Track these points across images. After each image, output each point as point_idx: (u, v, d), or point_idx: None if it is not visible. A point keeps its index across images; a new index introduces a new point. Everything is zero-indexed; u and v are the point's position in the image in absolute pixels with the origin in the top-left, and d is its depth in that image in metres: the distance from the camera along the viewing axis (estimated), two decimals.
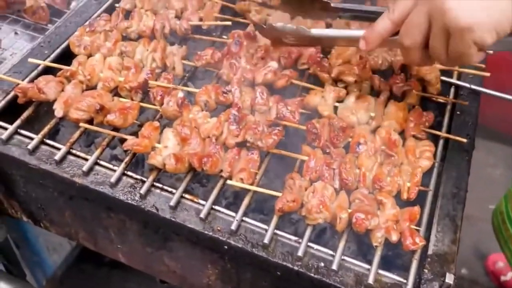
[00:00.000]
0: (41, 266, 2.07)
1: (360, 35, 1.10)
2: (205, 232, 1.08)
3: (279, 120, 1.24)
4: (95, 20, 1.49)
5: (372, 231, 1.06)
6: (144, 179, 1.15)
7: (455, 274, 1.03)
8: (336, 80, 1.35)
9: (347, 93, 1.31)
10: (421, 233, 1.08)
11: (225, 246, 1.07)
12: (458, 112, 1.36)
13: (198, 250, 1.17)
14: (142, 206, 1.11)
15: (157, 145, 1.17)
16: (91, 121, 1.23)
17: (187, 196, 1.14)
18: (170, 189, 1.14)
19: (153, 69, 1.36)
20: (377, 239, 1.05)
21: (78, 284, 2.29)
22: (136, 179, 1.16)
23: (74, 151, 1.20)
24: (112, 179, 1.13)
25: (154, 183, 1.15)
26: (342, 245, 1.06)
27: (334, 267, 1.03)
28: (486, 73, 1.43)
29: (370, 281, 1.02)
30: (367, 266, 1.05)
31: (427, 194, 1.15)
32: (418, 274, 1.04)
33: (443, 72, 1.40)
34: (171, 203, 1.10)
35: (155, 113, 1.29)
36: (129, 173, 1.17)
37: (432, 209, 1.14)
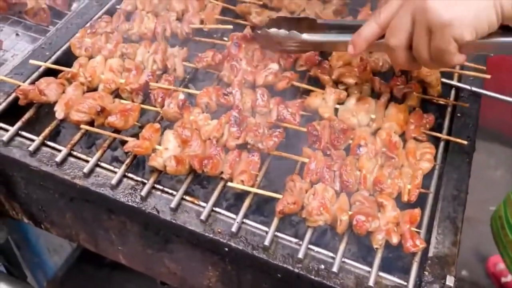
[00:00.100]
0: (42, 267, 2.07)
1: (349, 39, 1.12)
2: (206, 234, 1.08)
3: (279, 122, 1.24)
4: (96, 21, 1.49)
5: (372, 233, 1.06)
6: (145, 181, 1.15)
7: (456, 276, 1.04)
8: (337, 82, 1.35)
9: (348, 95, 1.31)
10: (422, 235, 1.08)
11: (226, 248, 1.08)
12: (459, 114, 1.36)
13: (198, 252, 1.17)
14: (143, 208, 1.11)
15: (158, 147, 1.17)
16: (92, 123, 1.23)
17: (187, 198, 1.14)
18: (171, 191, 1.14)
19: (154, 71, 1.36)
20: (378, 241, 1.05)
21: (78, 285, 2.30)
22: (136, 181, 1.16)
23: (75, 153, 1.20)
24: (113, 181, 1.14)
25: (155, 185, 1.15)
26: (342, 247, 1.06)
27: (334, 269, 1.03)
28: (487, 75, 1.43)
29: (371, 284, 1.01)
30: (367, 268, 1.05)
31: (427, 196, 1.15)
32: (418, 277, 1.04)
33: (444, 74, 1.40)
34: (172, 205, 1.10)
35: (156, 115, 1.29)
36: (129, 175, 1.17)
37: (432, 211, 1.14)
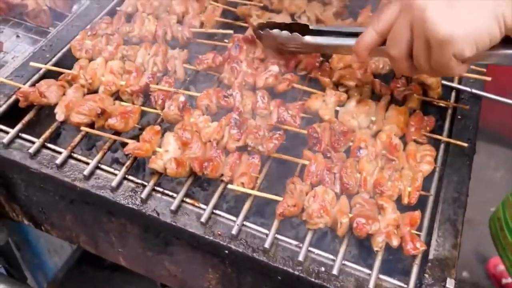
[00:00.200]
0: (42, 268, 2.07)
1: (351, 44, 1.11)
2: (206, 236, 1.08)
3: (280, 124, 1.24)
4: (96, 23, 1.49)
5: (372, 235, 1.06)
6: (145, 183, 1.15)
7: (456, 279, 1.04)
8: (337, 84, 1.36)
9: (348, 97, 1.31)
10: (422, 238, 1.08)
11: (226, 251, 1.08)
12: (459, 116, 1.35)
13: (199, 255, 1.17)
14: (143, 211, 1.11)
15: (158, 149, 1.17)
16: (92, 125, 1.23)
17: (188, 200, 1.14)
18: (171, 193, 1.14)
19: (155, 73, 1.36)
20: (378, 244, 1.05)
21: (79, 286, 2.29)
22: (137, 183, 1.16)
23: (75, 155, 1.20)
24: (113, 183, 1.14)
25: (155, 187, 1.15)
26: (342, 249, 1.06)
27: (334, 272, 1.03)
28: (487, 77, 1.43)
29: (371, 286, 1.01)
30: (367, 271, 1.05)
31: (428, 198, 1.15)
32: (418, 279, 1.04)
33: (444, 77, 1.40)
34: (172, 207, 1.10)
35: (156, 117, 1.29)
36: (130, 177, 1.17)
37: (433, 213, 1.14)
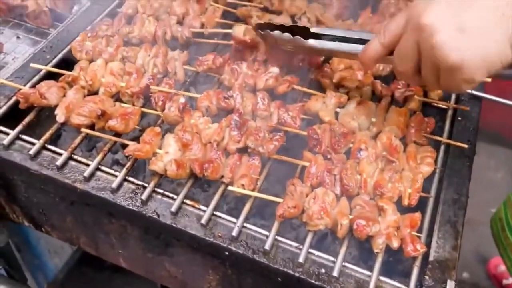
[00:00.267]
0: (42, 269, 2.07)
1: (357, 51, 1.11)
2: (206, 238, 1.08)
3: (280, 126, 1.24)
4: (97, 25, 1.49)
5: (373, 237, 1.06)
6: (145, 184, 1.15)
7: (456, 280, 1.04)
8: (338, 86, 1.36)
9: (348, 99, 1.31)
10: (422, 239, 1.08)
11: (226, 253, 1.07)
12: (459, 118, 1.35)
13: (199, 256, 1.17)
14: (143, 212, 1.11)
15: (159, 151, 1.17)
16: (92, 126, 1.23)
17: (188, 201, 1.14)
18: (171, 194, 1.14)
19: (155, 74, 1.36)
20: (378, 245, 1.05)
21: (79, 287, 2.29)
22: (137, 184, 1.16)
23: (76, 157, 1.20)
24: (114, 185, 1.14)
25: (156, 189, 1.15)
26: (343, 251, 1.06)
27: (335, 273, 1.03)
28: (487, 78, 1.42)
29: None
30: (368, 272, 1.05)
31: (428, 200, 1.15)
32: (419, 281, 1.04)
33: None
34: (172, 209, 1.10)
35: (156, 119, 1.29)
36: (130, 179, 1.17)
37: (433, 215, 1.14)
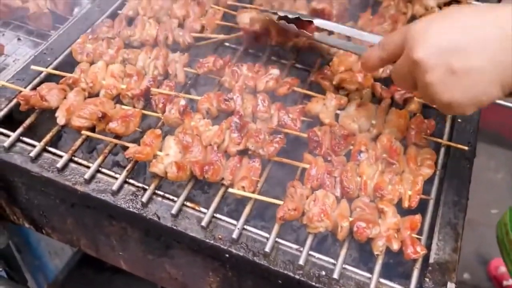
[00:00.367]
0: (43, 270, 2.07)
1: (362, 50, 1.13)
2: (207, 240, 1.08)
3: (280, 128, 1.24)
4: (97, 27, 1.49)
5: (373, 239, 1.06)
6: (146, 187, 1.15)
7: (457, 282, 1.04)
8: (338, 88, 1.36)
9: (349, 101, 1.31)
10: (422, 241, 1.08)
11: (226, 255, 1.08)
12: (459, 120, 1.35)
13: (199, 258, 1.17)
14: (144, 214, 1.11)
15: (159, 153, 1.17)
16: (93, 128, 1.23)
17: (188, 204, 1.14)
18: (172, 197, 1.15)
19: (155, 76, 1.36)
20: (378, 247, 1.05)
21: None
22: (137, 187, 1.16)
23: (76, 159, 1.20)
24: (114, 187, 1.14)
25: (156, 191, 1.15)
26: (343, 253, 1.06)
27: (335, 275, 1.03)
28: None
29: None
30: (368, 274, 1.05)
31: (428, 202, 1.15)
32: (419, 283, 1.04)
33: None
34: (173, 211, 1.11)
35: (157, 121, 1.30)
36: (130, 181, 1.17)
37: (433, 217, 1.14)
